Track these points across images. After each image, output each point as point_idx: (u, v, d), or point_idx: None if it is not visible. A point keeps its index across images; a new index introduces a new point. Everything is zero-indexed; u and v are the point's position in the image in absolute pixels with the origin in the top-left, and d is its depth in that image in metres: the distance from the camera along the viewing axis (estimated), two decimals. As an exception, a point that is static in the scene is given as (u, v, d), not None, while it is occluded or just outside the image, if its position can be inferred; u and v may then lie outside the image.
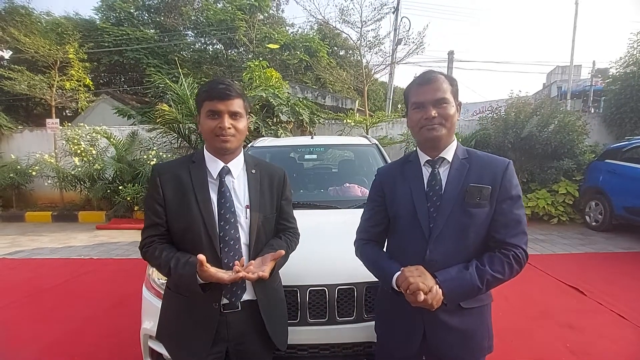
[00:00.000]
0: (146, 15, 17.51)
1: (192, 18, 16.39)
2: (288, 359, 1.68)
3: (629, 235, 5.78)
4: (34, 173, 7.96)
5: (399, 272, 1.13)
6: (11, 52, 11.37)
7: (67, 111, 14.74)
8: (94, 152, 7.77)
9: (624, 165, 5.83)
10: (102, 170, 7.51)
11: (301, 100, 8.19)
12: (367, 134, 7.04)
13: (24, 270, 4.52)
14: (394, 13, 12.37)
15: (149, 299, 1.80)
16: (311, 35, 17.13)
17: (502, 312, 3.09)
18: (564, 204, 6.76)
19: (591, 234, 6.00)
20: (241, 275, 1.12)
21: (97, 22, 15.32)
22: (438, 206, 1.19)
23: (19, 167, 8.19)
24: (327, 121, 8.93)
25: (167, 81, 7.60)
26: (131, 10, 16.49)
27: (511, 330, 2.84)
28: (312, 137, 3.71)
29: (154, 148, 7.72)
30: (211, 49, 17.23)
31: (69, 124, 8.76)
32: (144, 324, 1.75)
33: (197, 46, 17.20)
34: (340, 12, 11.13)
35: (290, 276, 1.62)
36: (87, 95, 11.46)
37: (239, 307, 1.27)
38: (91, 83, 12.05)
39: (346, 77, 11.76)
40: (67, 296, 3.66)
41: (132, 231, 6.50)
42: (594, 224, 6.28)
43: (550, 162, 6.89)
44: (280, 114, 7.21)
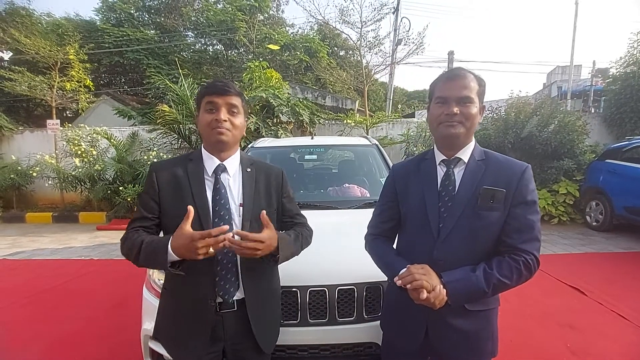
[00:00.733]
0: (146, 16, 17.53)
1: (192, 19, 16.39)
2: (288, 359, 1.68)
3: (629, 235, 5.77)
4: (34, 174, 7.96)
5: (404, 269, 1.13)
6: (12, 53, 11.38)
7: (67, 112, 14.74)
8: (94, 152, 7.77)
9: (625, 165, 5.83)
10: (102, 171, 7.51)
11: (301, 100, 8.20)
12: (367, 135, 7.04)
13: (24, 271, 4.53)
14: (393, 13, 12.39)
15: (149, 300, 1.80)
16: (311, 36, 17.13)
17: (502, 312, 3.04)
18: (565, 204, 6.75)
19: (592, 234, 6.00)
20: (219, 239, 1.06)
21: (98, 23, 15.33)
22: (449, 206, 1.19)
23: (19, 168, 8.19)
24: (327, 121, 8.93)
25: (168, 82, 7.61)
26: (131, 11, 16.50)
27: (511, 330, 2.84)
28: (312, 138, 3.71)
29: (155, 149, 7.73)
30: (211, 50, 17.24)
31: (70, 125, 8.76)
32: (144, 325, 1.75)
33: (197, 47, 17.22)
34: (340, 12, 11.14)
35: (290, 276, 1.62)
36: (87, 96, 11.43)
37: (235, 307, 1.27)
38: (91, 84, 12.03)
39: (346, 77, 11.76)
40: (67, 297, 3.66)
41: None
42: (594, 224, 6.27)
43: (551, 162, 6.88)
44: (280, 115, 7.21)
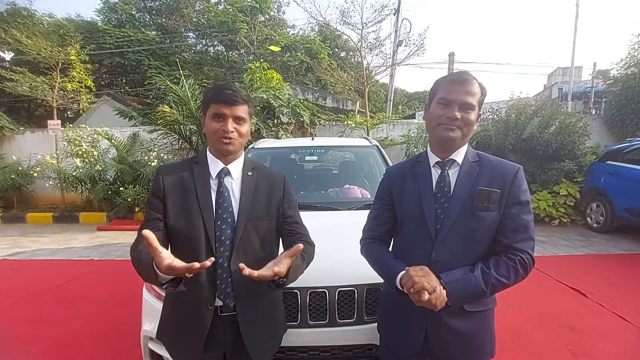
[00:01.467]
0: (148, 17, 17.59)
1: (194, 20, 16.44)
2: (288, 361, 1.68)
3: (630, 236, 5.76)
4: (35, 174, 7.97)
5: (403, 272, 1.13)
6: (13, 54, 11.40)
7: (68, 112, 14.78)
8: (95, 153, 7.78)
9: (625, 167, 5.82)
10: (103, 172, 7.52)
11: (302, 101, 8.21)
12: (368, 136, 7.04)
13: (25, 272, 4.53)
14: (394, 15, 12.39)
15: (149, 301, 1.80)
16: (312, 37, 17.16)
17: (503, 314, 3.08)
18: (565, 205, 6.75)
19: (592, 236, 5.99)
20: (195, 266, 0.96)
21: (99, 24, 15.37)
22: (446, 208, 1.19)
23: (20, 168, 8.21)
24: (327, 122, 8.94)
25: (168, 83, 7.62)
26: (133, 12, 16.56)
27: (511, 332, 2.84)
28: (312, 139, 3.70)
29: (155, 149, 7.74)
30: (212, 51, 17.29)
31: (71, 125, 8.78)
32: (144, 326, 1.76)
33: (198, 48, 17.26)
34: (341, 13, 11.20)
35: (290, 278, 1.62)
36: (88, 97, 11.44)
37: (235, 310, 1.26)
38: (92, 84, 12.03)
39: (347, 78, 11.79)
40: (67, 297, 3.66)
41: (132, 232, 6.48)
42: (595, 225, 6.26)
43: (551, 163, 6.88)
44: (281, 116, 7.23)
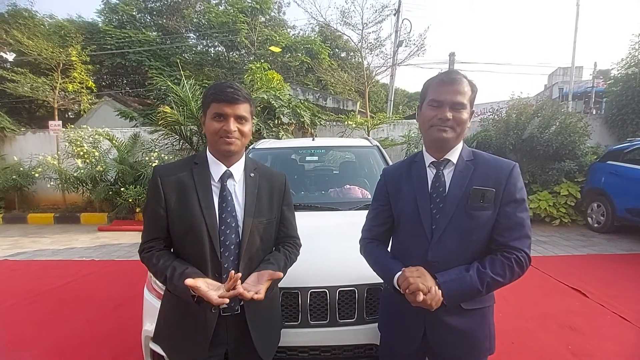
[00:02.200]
0: (148, 17, 17.61)
1: (194, 20, 16.46)
2: (289, 360, 1.68)
3: (631, 236, 5.76)
4: (36, 175, 7.99)
5: (400, 272, 1.14)
6: (14, 55, 11.43)
7: (69, 113, 14.82)
8: (96, 154, 7.79)
9: (626, 167, 5.82)
10: (104, 172, 7.53)
11: (302, 102, 8.22)
12: (368, 136, 7.04)
13: (26, 272, 4.54)
14: (395, 15, 12.41)
15: (150, 301, 1.80)
16: (312, 38, 17.19)
17: (503, 314, 3.08)
18: (566, 205, 6.75)
19: (593, 236, 5.99)
20: (233, 293, 1.10)
21: (100, 25, 15.39)
22: (441, 208, 1.20)
23: (21, 168, 8.23)
24: (328, 123, 8.95)
25: (169, 83, 7.64)
26: (133, 13, 16.58)
27: (512, 332, 2.84)
28: (313, 139, 3.71)
29: (156, 150, 7.75)
30: (213, 52, 17.29)
31: (72, 126, 8.79)
32: (145, 326, 1.76)
33: (199, 48, 17.27)
34: (342, 14, 11.23)
35: (291, 278, 1.61)
36: (89, 98, 11.49)
37: (238, 310, 1.26)
38: (94, 85, 12.09)
39: (347, 79, 11.80)
40: (68, 298, 3.67)
41: (133, 233, 6.52)
42: (595, 225, 6.26)
43: (552, 163, 6.88)
44: (281, 116, 7.23)
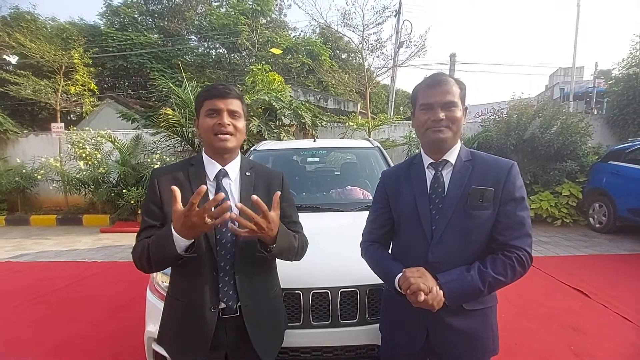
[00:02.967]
0: (150, 20, 17.69)
1: (196, 23, 16.52)
2: (291, 361, 1.69)
3: (633, 237, 5.74)
4: (39, 177, 8.03)
5: (401, 273, 1.14)
6: (17, 58, 11.50)
7: (71, 115, 14.84)
8: (98, 155, 7.81)
9: (628, 167, 5.81)
10: (106, 174, 7.55)
11: (303, 103, 8.23)
12: (370, 137, 7.05)
13: (29, 274, 4.56)
14: (395, 16, 12.42)
15: (153, 302, 1.81)
16: (313, 39, 17.22)
17: (505, 314, 3.08)
18: (568, 205, 6.74)
19: (595, 236, 5.98)
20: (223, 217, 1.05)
21: (102, 28, 15.49)
22: (440, 209, 1.20)
23: (24, 171, 8.27)
24: (329, 124, 8.96)
25: (171, 85, 7.67)
26: (135, 16, 16.67)
27: (514, 332, 2.84)
28: (314, 140, 3.73)
29: (158, 151, 7.78)
30: (214, 53, 17.35)
31: (74, 128, 8.83)
32: (148, 327, 1.77)
33: (200, 50, 17.33)
34: (342, 15, 11.23)
35: (293, 279, 1.63)
36: (91, 100, 11.54)
37: (238, 312, 1.26)
38: (96, 87, 12.14)
39: (348, 80, 11.80)
40: (71, 299, 3.68)
41: (135, 234, 6.51)
42: (597, 225, 6.25)
43: (553, 163, 6.87)
44: (282, 117, 7.25)
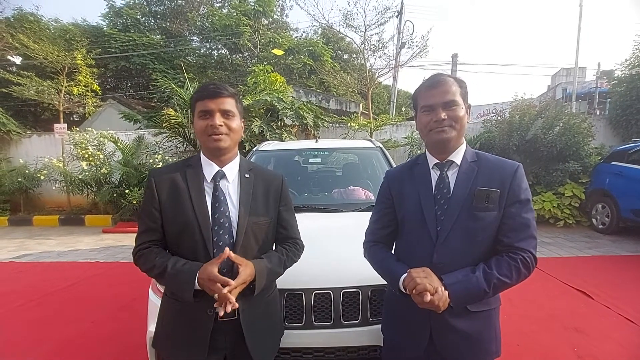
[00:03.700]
0: (152, 21, 17.75)
1: (198, 24, 16.56)
2: (293, 362, 1.69)
3: (636, 238, 5.72)
4: (42, 177, 8.06)
5: (405, 274, 1.14)
6: (21, 58, 11.56)
7: (74, 116, 14.92)
8: (101, 156, 7.85)
9: (631, 168, 5.79)
10: (108, 174, 7.59)
11: (305, 104, 8.23)
12: (371, 137, 7.04)
13: (31, 274, 4.58)
14: (397, 17, 12.42)
15: (155, 302, 1.80)
16: (315, 40, 17.23)
17: (508, 315, 3.07)
18: (570, 206, 6.71)
19: (598, 237, 5.95)
20: (225, 291, 1.10)
21: (104, 29, 15.54)
22: (445, 209, 1.19)
23: (27, 171, 8.32)
24: (331, 125, 8.96)
25: (173, 86, 7.69)
26: (138, 17, 16.73)
27: (517, 334, 2.83)
28: (316, 141, 3.73)
29: (160, 152, 7.80)
30: (216, 54, 17.38)
31: (77, 129, 8.87)
32: (150, 327, 1.76)
33: (202, 51, 17.36)
34: (344, 16, 11.24)
35: (295, 279, 1.63)
36: (94, 100, 11.59)
37: (236, 315, 1.24)
38: (98, 88, 12.19)
39: (350, 80, 11.81)
40: (73, 299, 3.69)
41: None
42: (600, 226, 6.23)
43: (556, 164, 6.85)
44: (284, 118, 7.26)
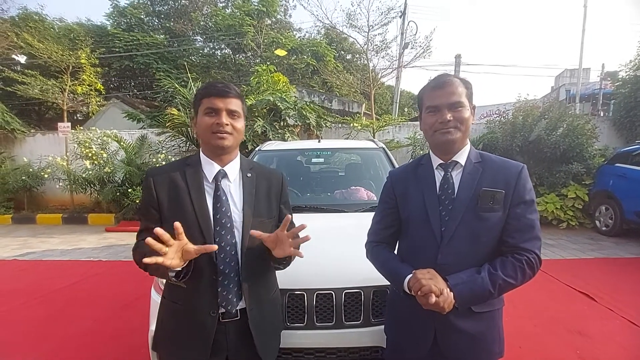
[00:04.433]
0: (156, 20, 17.80)
1: (201, 23, 16.61)
2: (294, 362, 1.69)
3: (639, 240, 5.69)
4: (45, 176, 8.10)
5: (410, 275, 1.13)
6: (25, 57, 11.63)
7: (78, 115, 14.99)
8: (104, 155, 7.88)
9: (635, 169, 5.76)
10: (112, 174, 7.62)
11: (308, 104, 8.23)
12: (374, 138, 7.04)
13: (34, 272, 4.60)
14: (400, 17, 12.40)
15: (157, 301, 1.80)
16: (318, 40, 17.22)
17: (511, 318, 3.05)
18: (574, 208, 6.67)
19: (601, 239, 5.92)
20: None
21: (108, 28, 15.59)
22: (450, 210, 1.19)
23: (31, 170, 8.35)
24: (333, 125, 8.96)
25: (176, 85, 7.72)
26: (141, 16, 16.79)
27: (520, 336, 2.82)
28: (319, 141, 3.72)
29: (163, 151, 7.83)
30: (219, 54, 17.42)
31: (80, 128, 8.91)
32: (152, 326, 1.75)
33: (205, 51, 17.40)
34: (347, 16, 11.21)
35: (296, 279, 1.63)
36: (98, 100, 11.63)
37: (238, 316, 1.23)
38: (102, 87, 12.24)
39: (353, 81, 11.80)
40: (76, 298, 3.71)
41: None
42: (604, 228, 6.19)
43: (559, 165, 6.82)
44: (287, 118, 7.26)
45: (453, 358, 1.23)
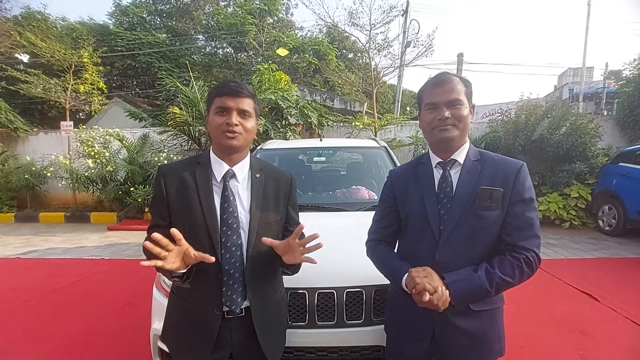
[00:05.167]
0: (158, 19, 17.85)
1: (203, 22, 16.64)
2: (296, 361, 1.69)
3: (643, 240, 5.65)
4: (48, 174, 8.12)
5: (407, 273, 1.14)
6: (28, 56, 11.67)
7: (80, 114, 15.05)
8: (106, 154, 7.90)
9: (638, 169, 5.72)
10: (114, 172, 7.64)
11: (310, 102, 8.23)
12: (376, 137, 7.02)
13: (37, 270, 4.61)
14: (402, 16, 12.35)
15: (159, 300, 1.81)
16: (320, 39, 17.23)
17: (512, 317, 3.05)
18: (576, 207, 6.64)
19: (604, 239, 5.89)
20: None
21: (111, 27, 15.66)
22: (448, 208, 1.19)
23: (33, 168, 8.37)
24: (335, 124, 8.94)
25: (178, 84, 7.71)
26: (144, 15, 16.84)
27: (522, 336, 2.81)
28: (320, 140, 3.72)
29: (165, 150, 7.83)
30: (221, 53, 17.45)
31: (83, 127, 8.92)
32: (154, 325, 1.77)
33: (207, 50, 17.45)
34: (349, 15, 11.15)
35: (298, 278, 1.62)
36: (100, 99, 11.65)
37: (242, 313, 1.25)
38: (104, 86, 12.26)
39: (355, 79, 11.75)
40: (78, 296, 3.72)
41: (142, 232, 6.52)
42: (607, 228, 6.16)
43: (562, 165, 6.80)
44: (289, 117, 7.26)
45: (452, 356, 1.23)
